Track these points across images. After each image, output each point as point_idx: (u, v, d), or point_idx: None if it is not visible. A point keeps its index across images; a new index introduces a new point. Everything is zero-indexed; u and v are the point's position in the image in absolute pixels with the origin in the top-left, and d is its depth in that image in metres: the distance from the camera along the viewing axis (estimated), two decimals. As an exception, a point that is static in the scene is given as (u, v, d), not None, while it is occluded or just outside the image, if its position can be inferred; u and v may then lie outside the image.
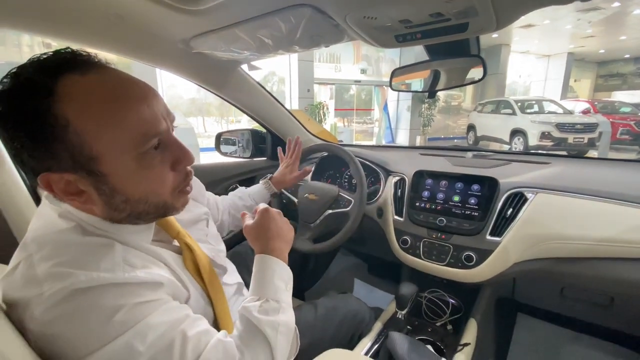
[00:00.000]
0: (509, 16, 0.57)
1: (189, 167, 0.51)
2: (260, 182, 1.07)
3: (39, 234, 0.43)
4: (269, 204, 1.03)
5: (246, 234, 0.65)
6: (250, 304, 0.52)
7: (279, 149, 1.14)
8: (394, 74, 0.93)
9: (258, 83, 1.28)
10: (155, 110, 0.44)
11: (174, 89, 9.43)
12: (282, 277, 0.58)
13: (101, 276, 0.39)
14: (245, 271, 0.61)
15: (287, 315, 0.53)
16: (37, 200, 0.82)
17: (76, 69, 0.40)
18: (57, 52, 0.41)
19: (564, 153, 5.87)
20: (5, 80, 0.39)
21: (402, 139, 10.48)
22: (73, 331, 0.37)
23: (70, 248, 0.41)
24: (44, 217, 0.46)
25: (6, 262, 0.44)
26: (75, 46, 0.44)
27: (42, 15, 0.68)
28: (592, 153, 7.13)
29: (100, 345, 0.37)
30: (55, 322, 0.37)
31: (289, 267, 0.61)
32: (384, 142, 10.03)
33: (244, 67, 1.18)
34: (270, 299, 0.53)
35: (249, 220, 0.66)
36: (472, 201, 0.94)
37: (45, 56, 0.41)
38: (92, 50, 0.44)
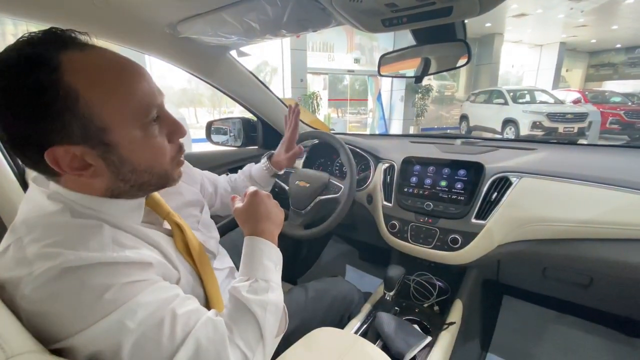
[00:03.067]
0: (492, 0, 0.58)
1: (181, 140, 0.54)
2: (262, 161, 1.04)
3: (28, 217, 0.44)
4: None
5: (236, 216, 0.66)
6: (240, 284, 0.53)
7: (285, 117, 1.06)
8: (381, 60, 0.93)
9: (249, 71, 1.27)
10: (151, 84, 0.48)
11: (164, 79, 9.26)
12: (271, 257, 0.59)
13: (90, 255, 0.40)
14: (237, 257, 0.62)
15: (276, 295, 0.54)
16: (25, 187, 0.81)
17: (74, 46, 0.42)
18: (50, 30, 0.42)
19: (550, 140, 5.94)
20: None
21: (396, 129, 10.36)
22: (63, 309, 0.38)
23: (59, 230, 0.42)
24: (33, 201, 0.47)
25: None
26: None
27: (24, -3, 0.67)
28: (582, 142, 7.24)
29: (90, 323, 0.38)
30: (45, 301, 0.38)
31: (278, 249, 0.62)
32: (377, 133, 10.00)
33: (234, 54, 1.18)
34: (260, 279, 0.54)
35: (238, 203, 0.67)
36: (459, 186, 0.96)
37: (38, 35, 0.41)
38: None
